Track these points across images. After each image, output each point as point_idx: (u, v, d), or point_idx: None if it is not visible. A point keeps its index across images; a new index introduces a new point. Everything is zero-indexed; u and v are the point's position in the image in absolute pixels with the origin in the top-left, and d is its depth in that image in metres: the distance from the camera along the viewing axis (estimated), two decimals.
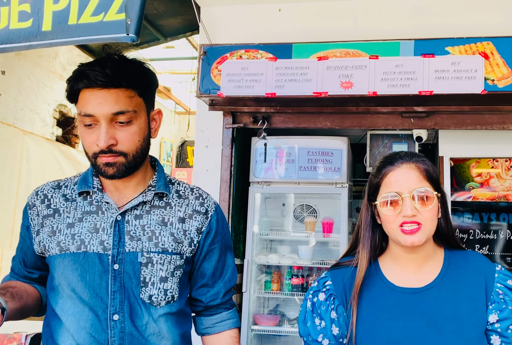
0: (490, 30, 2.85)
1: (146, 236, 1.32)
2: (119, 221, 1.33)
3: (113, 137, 1.27)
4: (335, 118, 3.13)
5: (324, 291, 1.31)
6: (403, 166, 1.26)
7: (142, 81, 1.32)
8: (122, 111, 1.27)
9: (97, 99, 1.26)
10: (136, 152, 1.30)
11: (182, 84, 6.56)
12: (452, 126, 3.01)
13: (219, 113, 3.27)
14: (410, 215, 1.20)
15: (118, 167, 1.29)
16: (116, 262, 1.30)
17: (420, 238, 1.21)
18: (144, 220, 1.34)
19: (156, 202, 1.37)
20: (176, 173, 6.71)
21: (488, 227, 3.25)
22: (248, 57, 3.02)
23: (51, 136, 4.81)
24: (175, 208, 1.38)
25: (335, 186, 3.33)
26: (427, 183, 1.25)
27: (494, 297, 1.23)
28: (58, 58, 4.70)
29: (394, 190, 1.23)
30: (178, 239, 1.35)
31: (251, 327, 3.38)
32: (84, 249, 1.30)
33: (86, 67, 1.28)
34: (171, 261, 1.33)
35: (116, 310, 1.28)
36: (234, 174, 3.28)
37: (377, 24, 3.13)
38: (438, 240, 1.31)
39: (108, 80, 1.25)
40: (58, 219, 1.35)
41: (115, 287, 1.29)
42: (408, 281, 1.27)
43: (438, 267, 1.28)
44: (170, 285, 1.33)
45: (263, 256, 3.48)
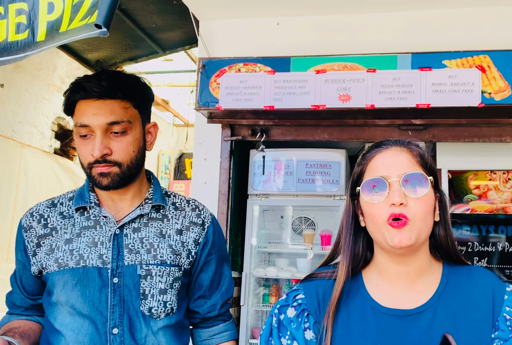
0: (487, 43, 2.88)
1: (145, 249, 1.33)
2: (117, 234, 1.33)
3: (107, 147, 1.28)
4: (333, 131, 3.15)
5: (294, 306, 1.07)
6: (393, 148, 1.05)
7: (137, 93, 1.35)
8: (117, 121, 1.28)
9: (93, 109, 1.28)
10: (130, 162, 1.32)
11: (181, 96, 6.59)
12: (449, 139, 3.02)
13: (218, 126, 3.28)
14: (398, 203, 0.97)
15: (113, 177, 1.30)
16: (115, 276, 1.30)
17: (408, 236, 0.97)
18: (142, 232, 1.35)
19: (153, 214, 1.38)
20: (174, 185, 6.71)
21: (486, 239, 3.25)
22: (246, 70, 3.04)
23: (49, 149, 4.81)
24: (172, 220, 1.39)
25: (334, 198, 3.33)
26: (420, 169, 1.02)
27: (500, 324, 0.98)
28: (57, 71, 4.72)
29: (380, 174, 1.01)
30: (176, 250, 1.35)
31: (249, 341, 3.34)
32: (83, 264, 1.30)
33: (83, 80, 1.31)
34: (170, 273, 1.33)
35: (115, 324, 1.28)
36: (232, 186, 3.28)
37: (375, 38, 3.16)
38: (436, 252, 1.07)
39: (103, 91, 1.28)
40: (56, 237, 1.34)
41: (114, 300, 1.29)
42: (396, 301, 1.03)
43: (434, 285, 1.04)
44: (169, 297, 1.33)
45: (261, 269, 3.46)
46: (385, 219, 0.98)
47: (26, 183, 4.24)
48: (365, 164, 1.06)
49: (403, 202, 0.97)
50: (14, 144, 4.18)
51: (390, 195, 0.98)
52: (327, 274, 1.09)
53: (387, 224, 0.98)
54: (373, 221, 1.01)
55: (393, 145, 1.05)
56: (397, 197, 0.97)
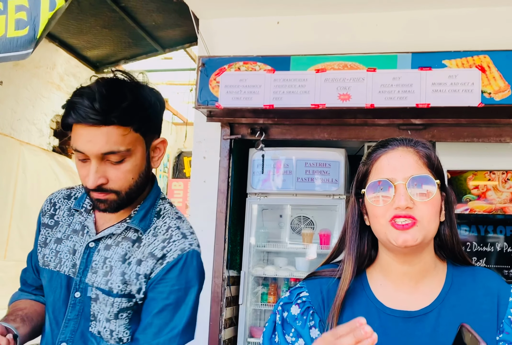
0: (487, 43, 2.88)
1: (103, 270, 1.23)
2: (91, 247, 1.26)
3: (103, 176, 1.17)
4: (332, 130, 3.14)
5: (298, 303, 1.06)
6: (399, 149, 1.02)
7: (138, 115, 1.18)
8: (113, 152, 1.15)
9: (87, 137, 1.14)
10: (129, 189, 1.21)
11: (180, 95, 6.58)
12: (449, 139, 3.02)
13: (217, 124, 3.27)
14: (404, 206, 0.95)
15: (110, 204, 1.21)
16: (78, 290, 1.24)
17: (414, 237, 0.95)
18: (110, 252, 1.24)
19: (130, 234, 1.25)
20: (173, 184, 6.70)
21: (485, 239, 3.25)
22: (246, 69, 3.03)
23: (48, 147, 4.80)
24: (142, 247, 1.23)
25: (333, 197, 3.33)
26: (427, 171, 1.00)
27: (504, 326, 0.97)
28: (56, 68, 4.71)
29: (385, 176, 0.99)
30: (127, 280, 1.21)
31: (247, 339, 3.34)
32: (58, 269, 1.27)
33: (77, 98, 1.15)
34: (114, 304, 1.20)
35: (65, 339, 1.23)
36: (231, 185, 3.27)
37: (375, 37, 3.15)
38: (441, 252, 1.06)
39: (98, 117, 1.12)
40: (53, 232, 1.32)
41: (71, 315, 1.23)
42: (400, 302, 1.01)
43: (438, 286, 1.03)
44: (114, 327, 1.21)
45: (259, 267, 3.45)
46: (388, 219, 0.98)
47: (25, 181, 4.23)
48: (371, 165, 1.04)
49: (409, 206, 0.96)
50: (12, 142, 4.17)
51: (395, 198, 0.97)
52: (330, 272, 1.08)
53: (390, 224, 0.97)
54: (377, 222, 1.00)
55: (400, 145, 1.03)
56: (403, 201, 0.96)
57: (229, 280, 3.25)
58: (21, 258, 4.65)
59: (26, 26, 1.24)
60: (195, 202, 3.34)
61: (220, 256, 3.17)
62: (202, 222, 3.26)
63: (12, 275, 3.92)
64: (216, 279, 3.16)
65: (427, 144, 1.06)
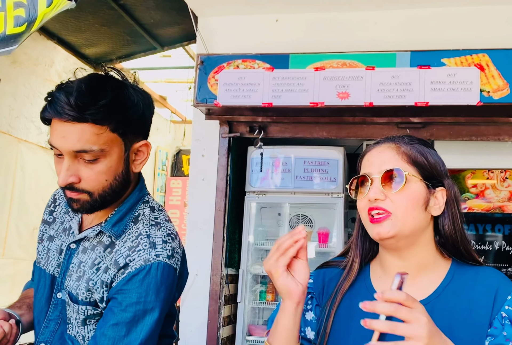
0: (486, 42, 2.88)
1: (76, 275, 1.18)
2: (72, 249, 1.22)
3: (75, 174, 1.12)
4: (331, 129, 3.14)
5: None
6: (381, 145, 1.07)
7: (115, 116, 1.12)
8: (85, 150, 1.10)
9: (61, 132, 1.11)
10: (102, 191, 1.15)
11: (178, 93, 6.56)
12: (447, 137, 3.02)
13: (216, 122, 3.27)
14: (372, 198, 1.00)
15: (82, 204, 1.15)
16: (60, 291, 1.21)
17: (387, 229, 0.99)
18: (85, 256, 1.19)
19: (104, 238, 1.19)
20: (171, 182, 6.69)
21: (483, 238, 3.25)
22: (245, 67, 3.03)
23: (46, 145, 4.78)
24: (114, 253, 1.17)
25: (331, 195, 3.33)
26: (406, 165, 1.02)
27: (495, 322, 0.97)
28: (54, 66, 4.70)
29: (364, 171, 1.05)
30: (91, 288, 1.16)
31: (246, 337, 3.35)
32: (45, 267, 1.25)
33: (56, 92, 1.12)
34: (79, 311, 1.16)
35: (44, 339, 1.20)
36: (230, 183, 3.27)
37: (374, 36, 3.15)
38: (445, 250, 1.06)
39: (73, 113, 1.08)
40: (49, 229, 1.30)
41: (52, 315, 1.21)
42: None
43: (436, 282, 1.04)
44: (85, 332, 1.18)
45: (258, 266, 3.45)
46: (367, 214, 1.02)
47: (23, 178, 4.23)
48: (359, 162, 1.10)
49: (378, 197, 1.00)
50: (10, 140, 4.16)
51: (369, 191, 1.02)
52: (337, 262, 1.14)
53: (368, 219, 1.02)
54: (361, 215, 1.05)
55: (384, 142, 1.08)
56: (372, 193, 1.01)
57: (227, 278, 3.25)
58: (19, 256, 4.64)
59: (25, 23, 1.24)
60: (193, 200, 3.34)
61: (219, 254, 3.17)
62: (200, 220, 3.25)
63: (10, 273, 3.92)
64: (215, 277, 3.16)
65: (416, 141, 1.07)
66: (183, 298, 3.22)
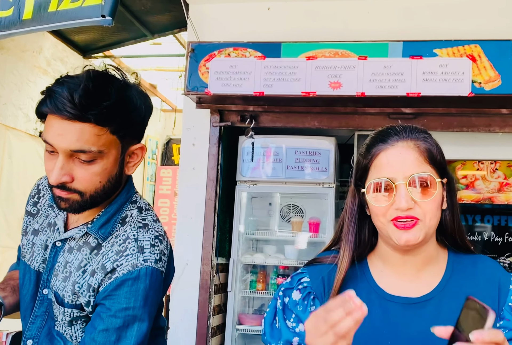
0: (478, 33, 2.87)
1: (63, 275, 1.17)
2: (58, 246, 1.20)
3: (69, 173, 1.09)
4: (323, 118, 3.13)
5: (299, 289, 1.06)
6: (399, 144, 0.99)
7: (117, 118, 1.09)
8: (83, 150, 1.07)
9: (58, 129, 1.06)
10: (95, 192, 1.12)
11: (169, 81, 6.50)
12: (439, 128, 3.02)
13: (206, 111, 3.24)
14: (404, 208, 0.94)
15: (71, 204, 1.12)
16: (46, 287, 1.19)
17: (416, 236, 0.95)
18: (71, 256, 1.17)
19: (90, 239, 1.17)
20: (162, 171, 6.66)
21: (472, 228, 3.28)
22: (236, 55, 3.00)
23: (34, 132, 4.73)
24: (100, 256, 1.14)
25: (322, 186, 3.33)
26: (428, 167, 0.98)
27: (505, 313, 0.97)
28: (42, 53, 4.62)
29: (385, 175, 0.97)
30: (77, 291, 1.14)
31: (236, 326, 3.36)
32: (30, 263, 1.23)
33: (57, 87, 1.07)
34: (65, 313, 1.15)
35: (31, 335, 1.19)
36: (220, 172, 3.26)
37: (366, 25, 3.13)
38: (441, 238, 1.06)
39: (75, 112, 1.04)
40: (33, 221, 1.27)
41: (39, 311, 1.19)
42: (401, 288, 1.02)
43: (439, 273, 1.03)
44: (72, 332, 1.17)
45: (248, 255, 3.46)
46: (389, 220, 0.97)
47: (11, 166, 4.18)
48: (370, 160, 1.01)
49: (410, 207, 0.95)
50: None
51: (396, 199, 0.95)
52: (332, 258, 1.07)
53: (392, 224, 0.97)
54: (378, 220, 0.99)
55: (399, 140, 1.00)
56: (404, 203, 0.94)
57: (217, 267, 3.25)
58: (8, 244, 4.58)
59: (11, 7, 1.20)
60: (184, 190, 3.32)
61: (209, 243, 3.17)
62: (191, 209, 3.24)
63: None
64: (205, 266, 3.15)
65: (427, 135, 1.03)
66: (173, 287, 3.22)
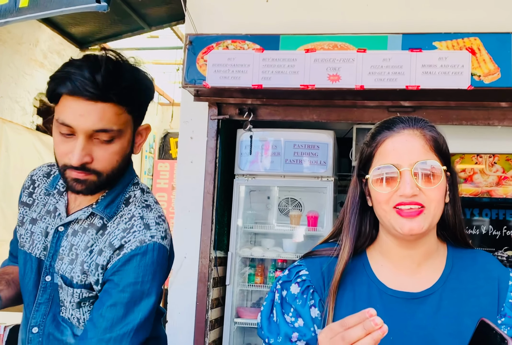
0: (477, 26, 2.86)
1: (69, 258, 1.18)
2: (60, 231, 1.21)
3: (89, 154, 1.11)
4: (321, 112, 3.11)
5: (298, 282, 1.03)
6: (405, 132, 0.98)
7: (135, 97, 1.15)
8: (105, 130, 1.10)
9: (79, 110, 1.08)
10: (111, 172, 1.16)
11: (166, 74, 6.47)
12: (438, 122, 3.01)
13: (204, 104, 3.23)
14: (409, 195, 0.93)
15: (88, 185, 1.14)
16: (48, 274, 1.20)
17: (421, 225, 0.94)
18: (76, 238, 1.19)
19: (95, 220, 1.19)
20: (159, 165, 6.64)
21: (471, 222, 3.28)
22: (234, 47, 2.97)
23: (31, 125, 4.71)
24: (106, 235, 1.17)
25: (321, 179, 3.32)
26: (434, 155, 0.97)
27: (506, 310, 0.97)
28: (39, 45, 4.59)
29: (390, 161, 0.96)
30: (86, 271, 1.16)
31: (234, 320, 3.36)
32: (31, 251, 1.23)
33: (75, 69, 1.08)
34: (74, 294, 1.16)
35: (36, 323, 1.19)
36: (219, 166, 3.24)
37: (365, 18, 3.11)
38: (442, 232, 1.05)
39: (97, 92, 1.07)
40: (30, 211, 1.28)
41: (42, 299, 1.20)
42: (402, 283, 1.01)
43: (439, 269, 1.02)
44: (80, 315, 1.18)
45: (247, 249, 3.46)
46: (392, 206, 0.96)
47: (8, 160, 4.16)
48: (375, 148, 1.00)
49: (415, 193, 0.94)
50: None
51: (401, 185, 0.94)
52: (329, 251, 1.05)
53: (395, 211, 0.95)
54: (380, 207, 0.98)
55: (405, 128, 0.99)
56: (409, 189, 0.93)
57: (216, 260, 3.24)
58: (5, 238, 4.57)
59: None
60: (182, 183, 3.31)
61: (207, 237, 3.16)
62: (189, 203, 3.23)
63: None
64: (203, 259, 3.15)
65: (433, 125, 1.03)
66: (171, 280, 3.22)
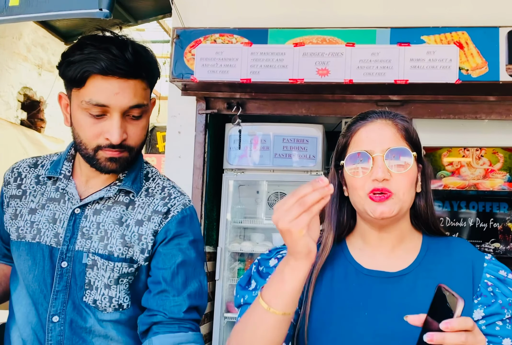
0: (465, 20, 2.87)
1: (98, 235, 1.20)
2: (77, 214, 1.22)
3: (125, 131, 1.16)
4: (310, 106, 3.11)
5: (278, 258, 1.08)
6: (378, 121, 1.05)
7: (155, 72, 1.23)
8: (139, 105, 1.16)
9: (113, 89, 1.12)
10: (140, 147, 1.22)
11: None
12: (426, 116, 3.03)
13: (192, 98, 3.20)
14: (381, 178, 0.98)
15: (121, 162, 1.18)
16: (64, 259, 1.20)
17: (391, 208, 0.99)
18: (101, 216, 1.21)
19: (121, 198, 1.24)
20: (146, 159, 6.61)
21: (457, 214, 3.31)
22: (222, 41, 2.95)
23: (16, 120, 4.64)
24: (138, 208, 1.23)
25: (310, 173, 3.32)
26: (404, 143, 1.03)
27: (482, 290, 1.01)
28: (22, 39, 4.51)
29: (364, 148, 1.02)
30: (128, 242, 1.20)
31: (224, 314, 3.36)
32: (38, 240, 1.22)
33: (101, 50, 1.11)
34: (114, 269, 1.19)
35: (56, 312, 1.19)
36: (207, 160, 3.23)
37: (354, 12, 3.10)
38: (416, 222, 1.09)
39: (129, 69, 1.11)
40: (23, 202, 1.26)
41: (59, 286, 1.19)
42: (378, 264, 1.05)
43: (414, 251, 1.06)
44: (115, 293, 1.20)
45: (236, 243, 3.46)
46: (366, 192, 1.00)
47: None
48: (350, 137, 1.06)
49: (386, 178, 0.99)
50: None
51: (373, 170, 1.00)
52: None
53: (368, 197, 1.00)
54: (356, 193, 1.03)
55: (378, 118, 1.05)
56: (380, 173, 0.99)
57: (205, 255, 3.24)
58: None
59: None
60: (170, 178, 3.28)
61: None
62: None
63: None
64: None
65: (406, 117, 1.08)
66: None
